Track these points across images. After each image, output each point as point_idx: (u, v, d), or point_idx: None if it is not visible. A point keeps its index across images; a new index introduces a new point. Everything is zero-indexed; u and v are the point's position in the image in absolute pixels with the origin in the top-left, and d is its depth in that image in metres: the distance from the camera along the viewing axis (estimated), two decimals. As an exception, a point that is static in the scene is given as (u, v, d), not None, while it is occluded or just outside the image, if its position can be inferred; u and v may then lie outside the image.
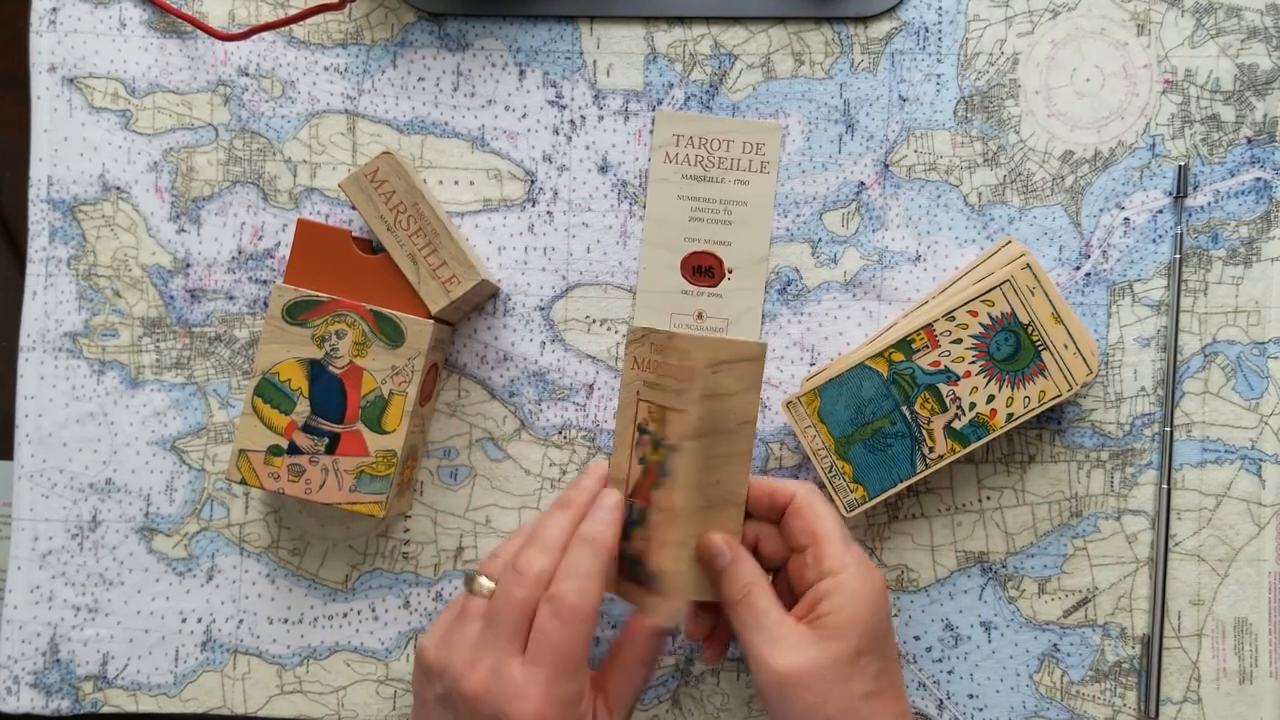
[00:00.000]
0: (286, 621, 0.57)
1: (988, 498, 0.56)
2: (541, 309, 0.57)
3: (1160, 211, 0.56)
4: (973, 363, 0.52)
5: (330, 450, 0.53)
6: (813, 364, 0.57)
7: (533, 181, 0.57)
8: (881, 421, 0.53)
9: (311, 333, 0.53)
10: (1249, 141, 0.56)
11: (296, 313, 0.53)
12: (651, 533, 0.48)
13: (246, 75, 0.57)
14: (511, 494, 0.57)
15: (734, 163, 0.57)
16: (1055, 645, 0.56)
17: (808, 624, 0.46)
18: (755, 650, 0.46)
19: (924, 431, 0.53)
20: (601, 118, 0.57)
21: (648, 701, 0.57)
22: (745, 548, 0.48)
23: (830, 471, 0.53)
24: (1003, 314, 0.52)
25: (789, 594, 0.49)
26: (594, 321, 0.57)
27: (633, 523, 0.49)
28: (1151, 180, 0.56)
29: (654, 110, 0.57)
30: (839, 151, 0.57)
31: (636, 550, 0.48)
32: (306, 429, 0.53)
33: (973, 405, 0.52)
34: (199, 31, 0.57)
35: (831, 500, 0.54)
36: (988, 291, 0.52)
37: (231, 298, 0.57)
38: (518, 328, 0.57)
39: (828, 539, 0.48)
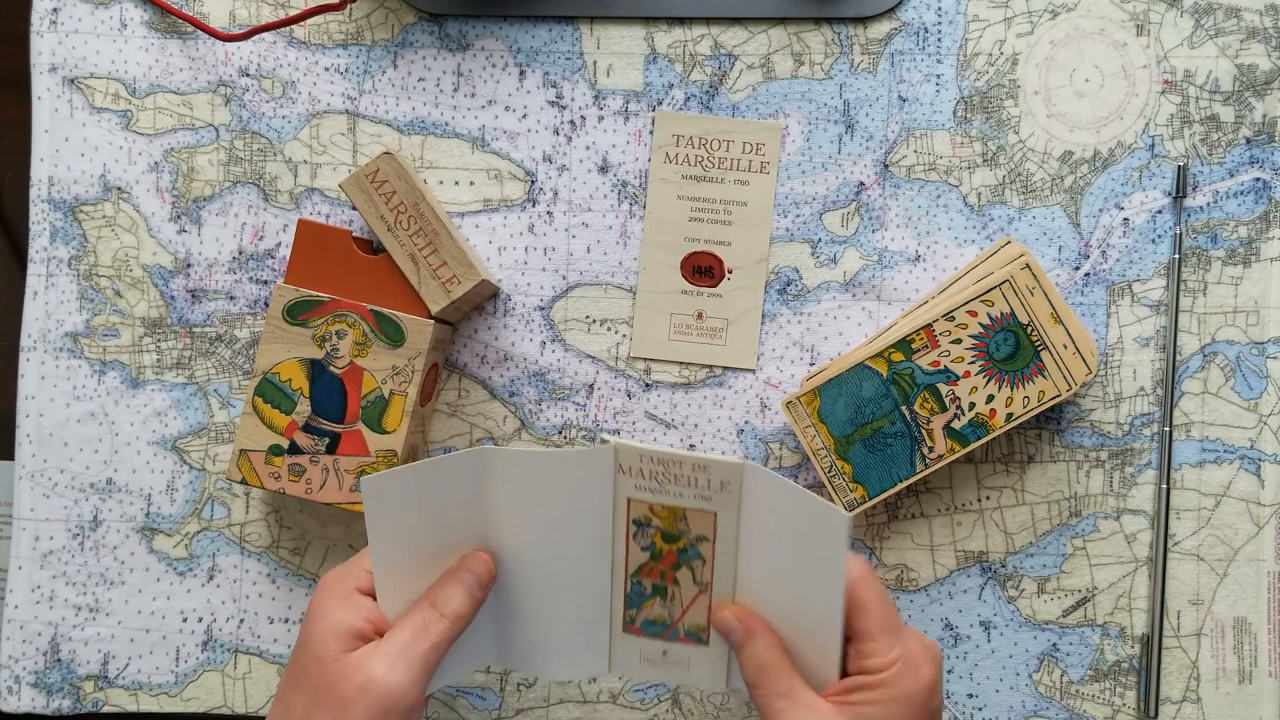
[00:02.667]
0: (287, 621, 0.57)
1: (987, 497, 0.56)
2: (541, 309, 0.57)
3: (1159, 212, 0.56)
4: (972, 363, 0.52)
5: (331, 450, 0.53)
6: (813, 364, 0.57)
7: (533, 182, 0.57)
8: (881, 421, 0.53)
9: (312, 333, 0.53)
10: (1248, 142, 0.56)
11: (297, 313, 0.53)
12: (686, 602, 0.48)
13: (247, 76, 0.57)
14: (512, 494, 0.57)
15: (734, 163, 0.57)
16: (1055, 645, 0.56)
17: (836, 705, 0.43)
18: None
19: (923, 431, 0.53)
20: (601, 118, 0.57)
21: (648, 701, 0.57)
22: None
23: (830, 471, 0.53)
24: (1002, 314, 0.52)
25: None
26: (594, 321, 0.57)
27: (644, 595, 0.49)
28: (1151, 180, 0.56)
29: (654, 110, 0.57)
30: (839, 152, 0.57)
31: (659, 615, 0.49)
32: (307, 429, 0.53)
33: (972, 405, 0.52)
34: (200, 32, 0.57)
35: (832, 500, 0.54)
36: (987, 292, 0.52)
37: (232, 298, 0.57)
38: (518, 328, 0.57)
39: (869, 637, 0.44)
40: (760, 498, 0.45)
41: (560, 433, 0.57)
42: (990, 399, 0.52)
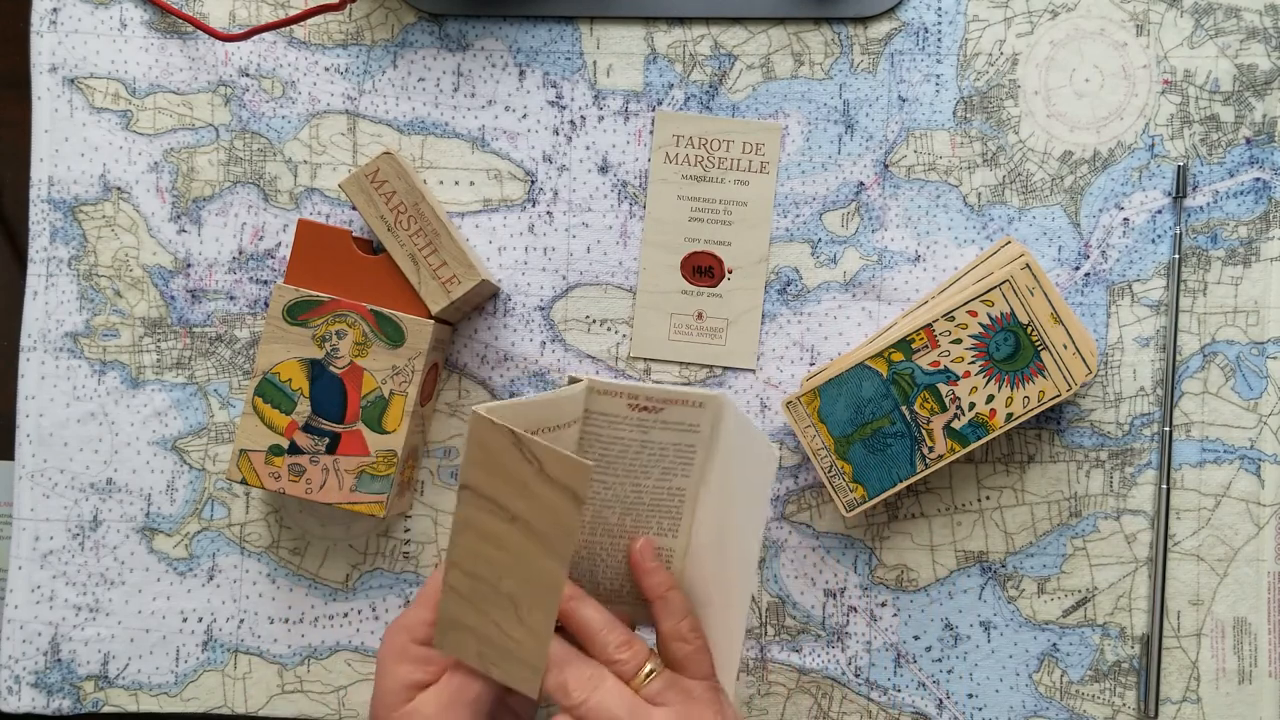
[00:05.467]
0: (287, 621, 0.57)
1: (987, 497, 0.56)
2: (541, 309, 0.57)
3: (1159, 212, 0.56)
4: (972, 363, 0.52)
5: (331, 450, 0.53)
6: (813, 364, 0.57)
7: (533, 182, 0.57)
8: (881, 421, 0.53)
9: (312, 333, 0.53)
10: (1248, 142, 0.56)
11: (297, 313, 0.53)
12: None
13: (247, 76, 0.57)
14: (512, 494, 0.57)
15: (734, 163, 0.57)
16: (1055, 645, 0.56)
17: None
18: None
19: (923, 431, 0.53)
20: (601, 118, 0.57)
21: (648, 701, 0.57)
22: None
23: (830, 471, 0.53)
24: (1002, 314, 0.52)
25: None
26: (594, 321, 0.57)
27: None
28: (1150, 180, 0.56)
29: (654, 110, 0.57)
30: (839, 152, 0.57)
31: None
32: (307, 429, 0.53)
33: (972, 405, 0.52)
34: (200, 32, 0.57)
35: (832, 500, 0.54)
36: (987, 292, 0.52)
37: (232, 298, 0.57)
38: (518, 328, 0.57)
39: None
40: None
41: (560, 433, 0.57)
42: (990, 399, 0.52)
